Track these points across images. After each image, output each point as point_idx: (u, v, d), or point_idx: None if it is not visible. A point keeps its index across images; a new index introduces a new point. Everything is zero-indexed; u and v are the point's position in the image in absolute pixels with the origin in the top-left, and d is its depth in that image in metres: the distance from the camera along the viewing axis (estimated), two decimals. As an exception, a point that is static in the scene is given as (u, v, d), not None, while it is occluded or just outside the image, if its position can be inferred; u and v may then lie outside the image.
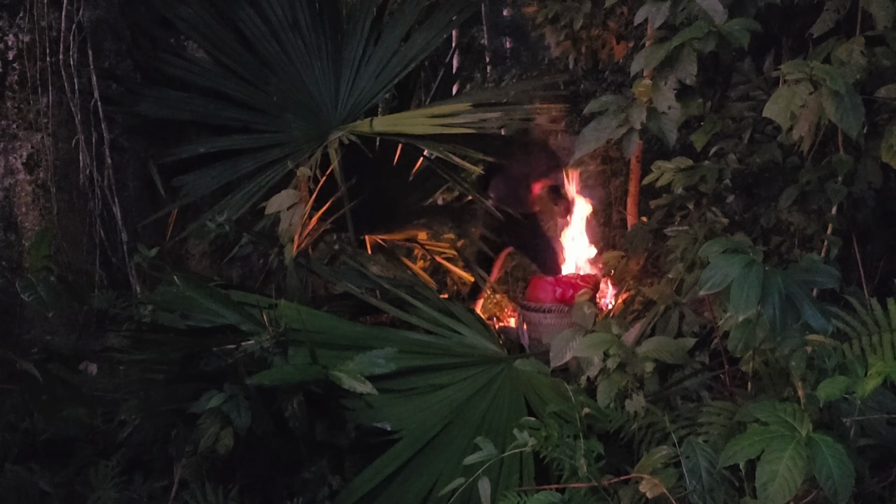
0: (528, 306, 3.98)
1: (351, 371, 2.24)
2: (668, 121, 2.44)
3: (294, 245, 3.17)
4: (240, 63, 4.00)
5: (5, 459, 2.49)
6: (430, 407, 2.76)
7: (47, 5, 3.39)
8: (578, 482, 1.97)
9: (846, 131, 2.21)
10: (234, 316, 2.61)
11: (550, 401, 2.54)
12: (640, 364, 2.20)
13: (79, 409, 2.63)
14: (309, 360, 2.37)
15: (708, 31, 2.30)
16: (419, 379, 2.88)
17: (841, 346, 2.25)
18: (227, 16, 3.99)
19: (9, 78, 3.40)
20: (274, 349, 2.35)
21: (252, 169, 3.85)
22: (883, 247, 3.07)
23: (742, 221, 3.23)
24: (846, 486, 1.56)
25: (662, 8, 2.39)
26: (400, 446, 2.54)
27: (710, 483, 1.87)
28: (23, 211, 3.45)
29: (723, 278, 1.82)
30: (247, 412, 2.19)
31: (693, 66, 2.34)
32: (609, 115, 2.50)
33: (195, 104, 3.92)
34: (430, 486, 2.41)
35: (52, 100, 3.44)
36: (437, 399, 2.80)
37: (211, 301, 2.64)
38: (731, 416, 2.11)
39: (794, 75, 2.25)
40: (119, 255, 3.57)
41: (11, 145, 3.42)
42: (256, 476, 2.46)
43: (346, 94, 4.12)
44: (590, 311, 2.41)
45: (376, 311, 4.15)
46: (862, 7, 2.54)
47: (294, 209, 3.20)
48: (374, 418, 2.53)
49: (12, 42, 3.40)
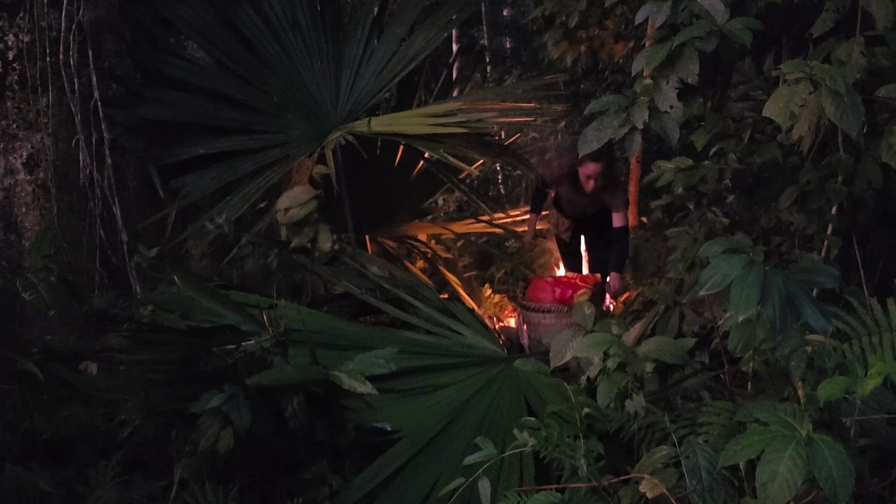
0: (527, 306, 3.97)
1: (351, 371, 2.24)
2: (670, 120, 2.43)
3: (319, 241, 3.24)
4: (240, 63, 4.00)
5: (5, 459, 2.50)
6: (430, 407, 2.76)
7: (47, 5, 3.39)
8: (578, 482, 1.97)
9: (846, 131, 2.20)
10: (234, 316, 2.61)
11: (550, 401, 2.53)
12: (640, 364, 2.19)
13: (79, 409, 2.63)
14: (309, 360, 2.37)
15: (709, 30, 2.30)
16: (419, 379, 2.88)
17: (841, 346, 2.25)
18: (227, 16, 3.99)
19: (9, 78, 3.40)
20: (274, 349, 2.35)
21: (252, 169, 3.86)
22: (883, 247, 3.06)
23: (742, 221, 3.23)
24: (846, 486, 1.56)
25: (664, 7, 2.39)
26: (399, 447, 2.54)
27: (710, 483, 1.87)
28: (23, 211, 3.45)
29: (723, 278, 1.82)
30: (247, 412, 2.19)
31: (695, 66, 2.34)
32: (610, 114, 2.50)
33: (195, 104, 3.92)
34: (430, 486, 2.41)
35: (52, 100, 3.44)
36: (436, 399, 2.80)
37: (211, 301, 2.64)
38: (731, 416, 2.10)
39: (793, 75, 2.25)
40: (119, 255, 3.57)
41: (11, 145, 3.42)
42: (256, 476, 2.46)
43: (346, 94, 4.12)
44: (590, 311, 2.41)
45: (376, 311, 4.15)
46: (862, 7, 2.53)
47: (307, 205, 3.26)
48: (374, 419, 2.53)
49: (12, 42, 3.40)
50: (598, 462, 2.02)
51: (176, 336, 2.61)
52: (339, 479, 2.34)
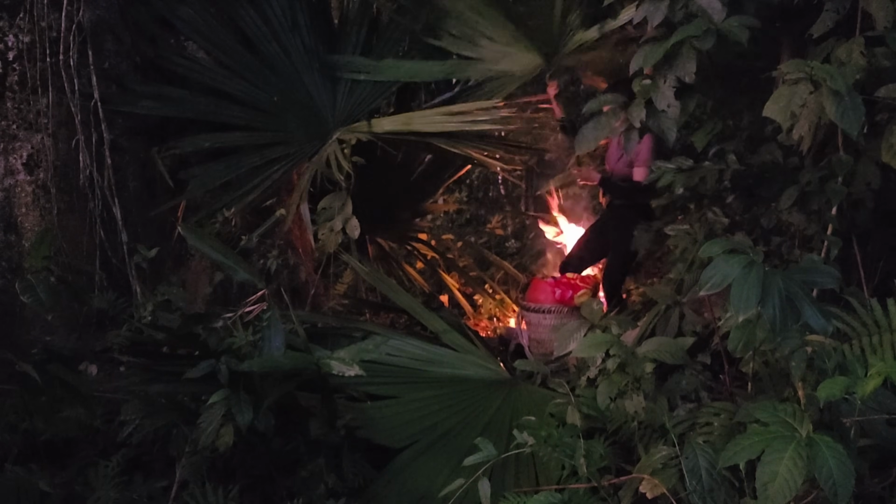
0: (527, 307, 3.98)
1: (340, 358, 2.26)
2: (668, 119, 2.44)
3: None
4: (240, 63, 4.00)
5: (5, 459, 2.49)
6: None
7: (47, 6, 3.39)
8: (578, 482, 1.97)
9: (846, 131, 2.20)
10: (243, 274, 2.58)
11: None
12: (639, 364, 2.19)
13: (79, 410, 2.63)
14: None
15: (707, 28, 2.30)
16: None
17: (841, 347, 2.24)
18: (228, 15, 3.99)
19: (9, 78, 3.40)
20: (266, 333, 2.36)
21: (256, 164, 3.88)
22: (883, 247, 3.06)
23: (742, 222, 3.22)
24: (846, 487, 1.56)
25: (661, 6, 2.39)
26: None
27: (710, 483, 1.87)
28: (23, 211, 3.45)
29: (723, 278, 1.82)
30: (248, 408, 2.19)
31: (692, 64, 2.34)
32: (609, 113, 2.50)
33: (195, 103, 3.92)
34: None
35: (52, 100, 3.44)
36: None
37: (218, 254, 2.61)
38: (731, 417, 2.10)
39: (794, 75, 2.25)
40: (119, 255, 3.56)
41: (11, 146, 3.42)
42: (256, 476, 2.46)
43: (344, 95, 4.13)
44: (598, 307, 2.42)
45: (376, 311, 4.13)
46: (862, 7, 2.53)
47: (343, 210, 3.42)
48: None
49: (12, 42, 3.39)
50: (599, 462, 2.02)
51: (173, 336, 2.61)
52: (334, 478, 2.34)
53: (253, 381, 2.25)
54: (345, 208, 3.59)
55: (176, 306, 2.88)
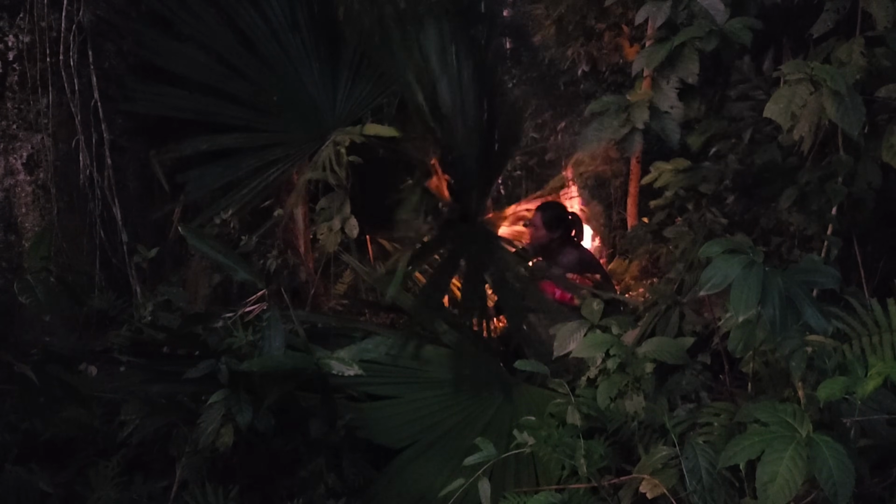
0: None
1: (340, 358, 2.26)
2: (671, 120, 2.44)
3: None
4: (240, 63, 3.99)
5: (5, 459, 2.49)
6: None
7: (47, 6, 3.39)
8: (578, 482, 1.97)
9: (847, 131, 2.20)
10: (243, 273, 2.58)
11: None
12: (640, 364, 2.19)
13: (78, 410, 2.62)
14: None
15: (709, 30, 2.30)
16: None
17: (841, 347, 2.25)
18: (227, 15, 3.98)
19: (9, 78, 3.40)
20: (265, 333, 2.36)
21: (255, 167, 3.86)
22: (883, 247, 3.06)
23: (742, 222, 3.23)
24: (846, 487, 1.56)
25: (663, 7, 2.39)
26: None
27: (710, 483, 1.87)
28: (23, 211, 3.45)
29: (723, 279, 1.82)
30: (248, 407, 2.19)
31: (695, 65, 2.34)
32: (611, 115, 2.50)
33: (195, 103, 3.91)
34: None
35: (52, 100, 3.44)
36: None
37: (218, 254, 2.61)
38: (731, 417, 2.10)
39: (794, 75, 2.25)
40: (119, 255, 3.56)
41: (11, 146, 3.42)
42: (256, 476, 2.46)
43: (344, 95, 4.12)
44: (598, 306, 2.41)
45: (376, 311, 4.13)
46: (862, 7, 2.54)
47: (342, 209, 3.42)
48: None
49: (12, 43, 3.39)
50: (599, 462, 2.02)
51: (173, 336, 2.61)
52: (334, 478, 2.34)
53: (253, 381, 2.25)
54: (343, 208, 3.59)
55: (176, 306, 2.89)
